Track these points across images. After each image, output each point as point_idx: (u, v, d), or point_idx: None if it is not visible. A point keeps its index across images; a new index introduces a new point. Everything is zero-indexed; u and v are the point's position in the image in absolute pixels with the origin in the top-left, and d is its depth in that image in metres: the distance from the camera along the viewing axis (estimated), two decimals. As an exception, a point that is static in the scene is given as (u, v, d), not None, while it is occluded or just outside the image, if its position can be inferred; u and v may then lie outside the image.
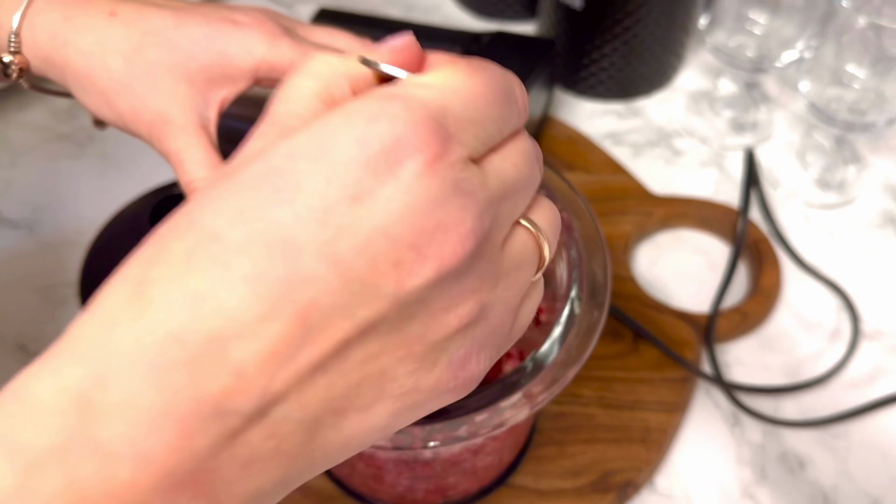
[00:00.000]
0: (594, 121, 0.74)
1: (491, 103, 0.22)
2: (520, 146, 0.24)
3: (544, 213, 0.25)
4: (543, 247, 0.24)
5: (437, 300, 0.21)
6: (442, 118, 0.21)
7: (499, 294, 0.23)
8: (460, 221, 0.20)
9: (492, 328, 0.23)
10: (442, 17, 0.84)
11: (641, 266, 0.63)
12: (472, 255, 0.21)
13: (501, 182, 0.22)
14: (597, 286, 0.40)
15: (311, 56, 0.24)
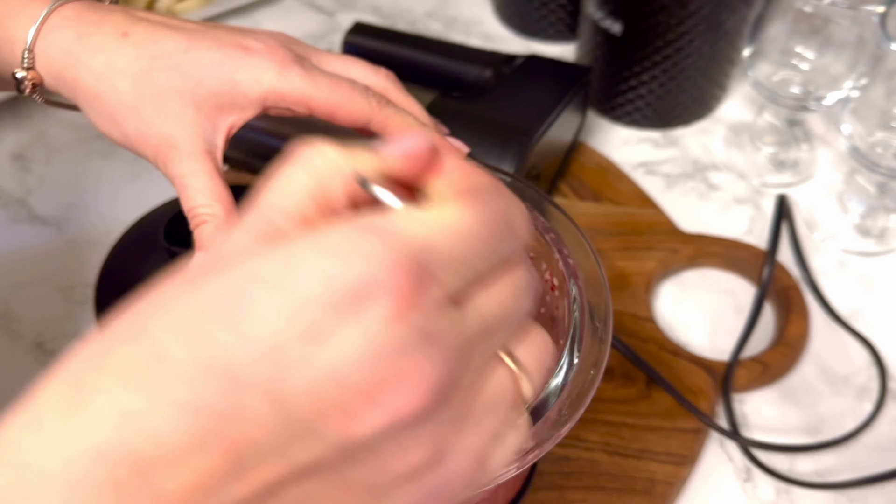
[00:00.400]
0: (628, 148, 0.72)
1: (485, 240, 0.21)
2: (511, 280, 0.22)
3: (531, 347, 0.23)
4: (523, 387, 0.23)
5: (386, 447, 0.20)
6: (423, 259, 0.19)
7: (462, 440, 0.21)
8: (422, 373, 0.19)
9: (448, 476, 0.21)
10: (482, 33, 0.83)
11: (663, 305, 0.61)
12: (433, 406, 0.20)
13: (481, 322, 0.21)
14: (598, 341, 0.38)
15: (312, 146, 0.22)
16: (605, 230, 0.63)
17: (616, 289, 0.59)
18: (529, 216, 0.23)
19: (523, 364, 0.23)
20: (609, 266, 0.61)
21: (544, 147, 0.58)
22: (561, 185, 0.67)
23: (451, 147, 0.43)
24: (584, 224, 0.63)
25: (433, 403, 0.20)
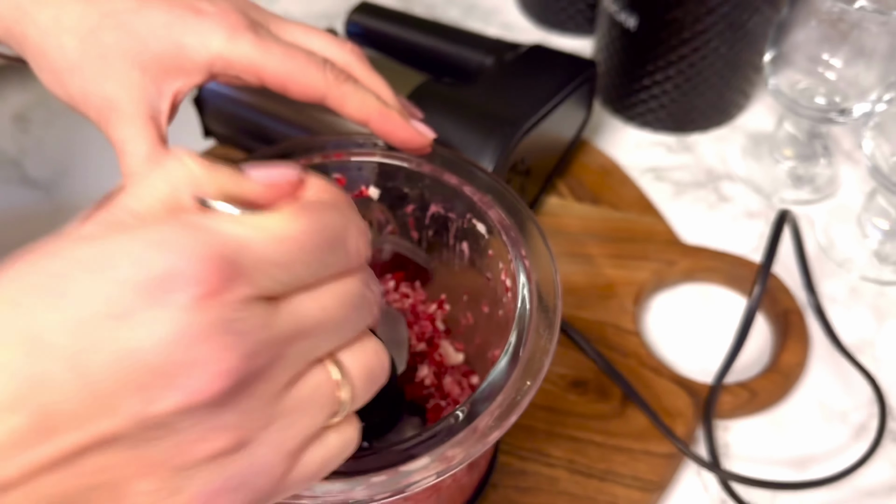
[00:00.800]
0: (639, 151, 0.68)
1: (306, 248, 0.22)
2: (339, 289, 0.23)
3: (360, 356, 0.24)
4: (342, 392, 0.24)
5: (187, 429, 0.21)
6: (235, 256, 0.21)
7: (270, 435, 0.22)
8: (219, 360, 0.20)
9: (255, 469, 0.22)
10: (501, 22, 0.80)
11: (652, 320, 0.57)
12: (229, 393, 0.21)
13: (297, 323, 0.22)
14: (541, 349, 0.35)
15: (175, 157, 0.23)
16: (599, 235, 0.60)
17: (602, 298, 0.56)
18: (368, 237, 0.25)
19: (347, 371, 0.24)
20: (597, 273, 0.57)
21: (535, 141, 0.55)
22: (559, 185, 0.63)
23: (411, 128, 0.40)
24: (578, 227, 0.60)
25: (230, 390, 0.21)
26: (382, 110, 0.40)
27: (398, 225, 0.46)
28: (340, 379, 0.24)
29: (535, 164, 0.57)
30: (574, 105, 0.60)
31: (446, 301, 0.46)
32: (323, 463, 0.24)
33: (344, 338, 0.24)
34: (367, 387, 0.25)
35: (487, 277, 0.42)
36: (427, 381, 0.44)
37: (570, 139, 0.62)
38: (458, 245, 0.43)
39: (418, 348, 0.46)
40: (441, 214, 0.43)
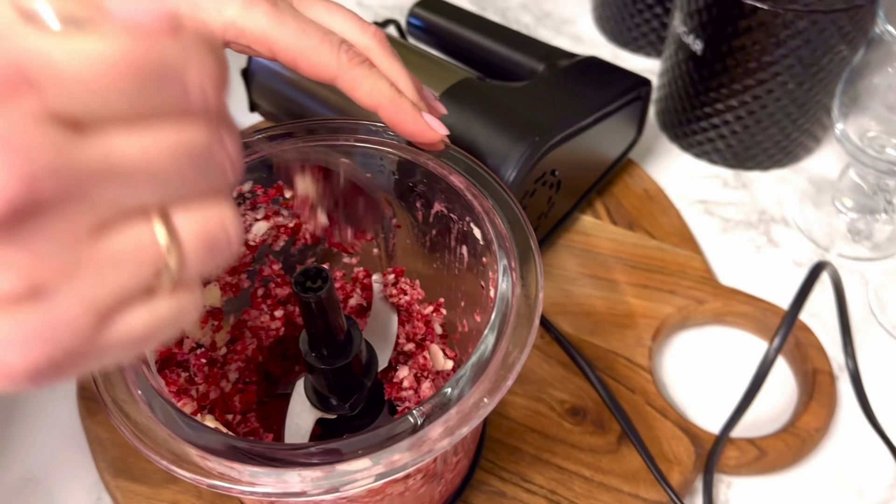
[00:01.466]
0: (691, 181, 0.65)
1: (123, 73, 0.19)
2: (172, 134, 0.20)
3: (200, 222, 0.21)
4: (167, 254, 0.21)
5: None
6: (29, 67, 0.18)
7: (74, 286, 0.20)
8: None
9: (54, 321, 0.20)
10: (572, 34, 0.78)
11: (669, 357, 0.54)
12: (14, 217, 0.18)
13: (105, 158, 0.19)
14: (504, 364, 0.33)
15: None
16: (629, 261, 0.57)
17: (619, 327, 0.53)
18: (221, 82, 0.21)
19: (177, 232, 0.21)
20: (619, 301, 0.55)
21: (570, 154, 0.53)
22: (596, 203, 0.61)
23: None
24: (608, 250, 0.58)
25: (8, 216, 0.18)
26: (394, 99, 0.39)
27: (403, 219, 0.44)
28: (167, 240, 0.21)
29: (569, 177, 0.55)
30: (621, 123, 0.57)
31: (444, 305, 0.45)
32: (146, 328, 0.22)
33: (175, 193, 0.21)
34: (201, 255, 0.22)
35: (481, 285, 0.40)
36: (405, 382, 0.42)
37: (615, 158, 0.60)
38: (458, 248, 0.42)
39: (406, 348, 0.44)
40: (444, 214, 0.41)
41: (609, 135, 0.57)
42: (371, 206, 0.38)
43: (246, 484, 0.31)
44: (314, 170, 0.36)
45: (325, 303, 0.36)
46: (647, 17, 0.72)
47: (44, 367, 0.20)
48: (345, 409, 0.41)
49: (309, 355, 0.39)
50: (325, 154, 0.37)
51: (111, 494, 0.47)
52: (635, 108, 0.58)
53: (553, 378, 0.51)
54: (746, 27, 0.56)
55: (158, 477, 0.46)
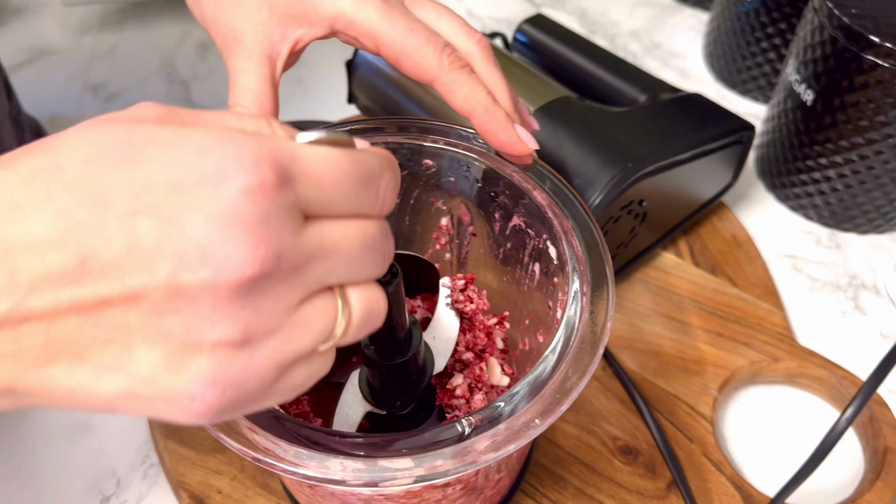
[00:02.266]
0: (782, 234, 0.63)
1: (346, 176, 0.24)
2: (363, 226, 0.25)
3: (365, 296, 0.26)
4: (338, 323, 0.25)
5: (206, 309, 0.22)
6: (288, 163, 0.23)
7: (273, 342, 0.23)
8: (255, 247, 0.22)
9: (251, 370, 0.23)
10: (680, 68, 0.76)
11: (734, 411, 0.52)
12: (252, 284, 0.22)
13: (321, 243, 0.24)
14: (560, 389, 0.32)
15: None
16: (706, 306, 0.55)
17: (686, 372, 0.52)
18: (397, 190, 0.26)
19: (350, 305, 0.25)
20: (690, 345, 0.53)
21: (660, 188, 0.51)
22: (679, 242, 0.59)
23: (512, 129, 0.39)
24: (686, 291, 0.56)
25: (255, 279, 0.22)
26: (489, 107, 0.38)
27: (480, 227, 0.44)
28: (342, 310, 0.25)
29: (657, 211, 0.53)
30: (718, 165, 0.55)
31: (508, 319, 0.44)
32: (303, 382, 0.25)
33: (355, 274, 0.25)
34: (362, 324, 0.26)
35: (549, 306, 0.40)
36: (458, 391, 0.42)
37: (707, 199, 0.58)
38: (530, 264, 0.41)
39: (464, 356, 0.44)
40: (521, 229, 0.41)
41: (704, 174, 0.55)
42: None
43: (289, 463, 0.31)
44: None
45: (392, 297, 0.36)
46: (760, 60, 0.70)
47: (227, 408, 0.23)
48: (395, 407, 0.41)
49: (367, 347, 0.39)
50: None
51: (159, 454, 0.48)
52: (735, 151, 0.56)
53: (609, 413, 0.49)
54: (863, 83, 0.54)
55: (206, 444, 0.47)
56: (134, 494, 0.48)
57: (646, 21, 0.82)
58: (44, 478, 0.49)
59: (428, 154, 0.42)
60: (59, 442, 0.50)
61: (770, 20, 0.68)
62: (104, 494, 0.48)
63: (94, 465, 0.49)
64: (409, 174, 0.43)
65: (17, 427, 0.51)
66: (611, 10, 0.83)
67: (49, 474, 0.49)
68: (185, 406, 0.23)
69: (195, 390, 0.22)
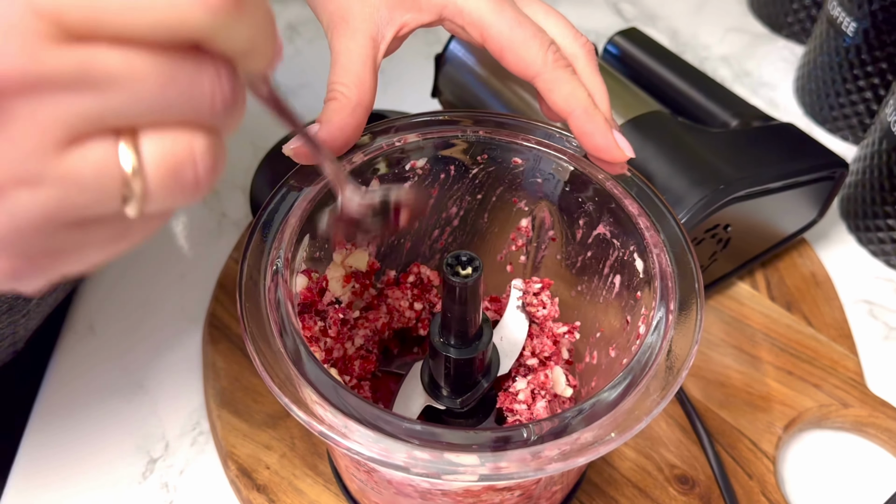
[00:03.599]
0: (862, 278, 0.60)
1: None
2: (162, 55, 0.19)
3: (166, 146, 0.20)
4: (133, 185, 0.20)
5: None
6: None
7: (39, 196, 0.19)
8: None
9: (15, 229, 0.19)
10: (768, 98, 0.75)
11: (796, 453, 0.50)
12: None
13: (84, 65, 0.18)
14: (640, 406, 0.31)
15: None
16: (779, 343, 0.53)
17: (752, 407, 0.50)
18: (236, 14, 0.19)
19: (144, 162, 0.20)
20: (758, 381, 0.51)
21: (746, 215, 0.50)
22: (757, 274, 0.57)
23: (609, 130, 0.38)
24: (759, 325, 0.54)
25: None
26: (589, 109, 0.38)
27: (561, 232, 0.43)
28: (134, 163, 0.20)
29: (740, 238, 0.52)
30: (805, 198, 0.54)
31: (578, 329, 0.43)
32: (102, 245, 0.21)
33: (151, 116, 0.19)
34: (165, 186, 0.20)
35: (627, 320, 0.39)
36: (521, 395, 0.41)
37: (790, 233, 0.56)
38: (611, 276, 0.40)
39: (529, 361, 0.43)
40: (605, 238, 0.40)
41: (791, 207, 0.53)
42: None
43: (354, 442, 0.30)
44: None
45: (470, 291, 0.35)
46: (855, 98, 0.68)
47: (6, 273, 0.20)
48: (455, 404, 0.40)
49: (436, 338, 0.38)
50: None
51: (211, 422, 0.48)
52: (824, 188, 0.54)
53: (668, 439, 0.48)
54: (972, 130, 0.51)
55: (260, 418, 0.47)
56: (180, 459, 0.48)
57: (737, 48, 0.80)
58: (94, 433, 0.49)
59: (518, 152, 0.41)
60: (112, 399, 0.50)
61: (871, 58, 0.65)
62: (151, 456, 0.48)
63: (144, 426, 0.49)
64: (496, 171, 0.42)
65: (74, 381, 0.51)
66: (702, 32, 0.82)
67: (99, 430, 0.49)
68: None
69: None
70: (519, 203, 0.44)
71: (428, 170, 0.42)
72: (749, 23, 0.83)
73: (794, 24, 0.80)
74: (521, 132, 0.41)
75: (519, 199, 0.44)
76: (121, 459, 0.48)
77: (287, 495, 0.44)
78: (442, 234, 0.45)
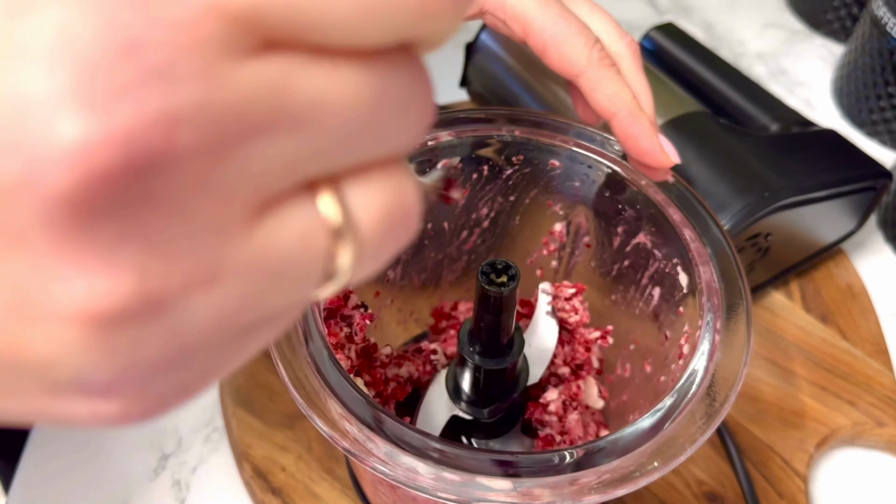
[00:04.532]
0: (898, 291, 0.58)
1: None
2: (386, 68, 0.13)
3: (380, 193, 0.14)
4: (341, 254, 0.14)
5: (39, 243, 0.11)
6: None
7: (217, 302, 0.12)
8: (114, 102, 0.10)
9: (177, 355, 0.13)
10: (804, 99, 0.72)
11: (828, 472, 0.49)
12: (123, 185, 0.11)
13: (282, 95, 0.12)
14: (684, 433, 0.30)
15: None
16: (813, 356, 0.51)
17: (784, 424, 0.48)
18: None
19: (355, 217, 0.13)
20: (791, 396, 0.49)
21: (788, 224, 0.48)
22: (792, 284, 0.55)
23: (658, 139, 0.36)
24: (793, 337, 0.53)
25: (138, 169, 0.11)
26: (634, 111, 0.36)
27: (597, 238, 0.41)
28: (341, 224, 0.13)
29: (778, 248, 0.50)
30: (846, 208, 0.52)
31: (611, 334, 0.41)
32: (270, 340, 0.15)
33: (368, 151, 0.13)
34: (380, 248, 0.14)
35: (665, 336, 0.37)
36: (552, 406, 0.39)
37: (828, 243, 0.54)
38: (649, 288, 0.38)
39: (560, 370, 0.41)
40: (646, 248, 0.38)
41: (831, 217, 0.51)
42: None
43: (379, 461, 0.29)
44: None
45: (506, 300, 0.33)
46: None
47: (147, 411, 0.13)
48: (482, 414, 0.38)
49: (466, 348, 0.36)
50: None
51: (226, 420, 0.47)
52: (865, 198, 0.52)
53: (697, 454, 0.46)
54: None
55: (276, 418, 0.46)
56: (194, 457, 0.46)
57: (774, 44, 0.77)
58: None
59: (555, 154, 0.39)
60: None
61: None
62: (164, 452, 0.47)
63: (157, 421, 0.48)
64: (531, 173, 0.41)
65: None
66: (738, 27, 0.79)
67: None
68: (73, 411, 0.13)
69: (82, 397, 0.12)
70: (554, 206, 0.42)
71: (460, 169, 0.40)
72: (786, 18, 0.80)
73: (833, 22, 0.78)
74: (559, 133, 0.39)
75: (554, 202, 0.42)
76: (132, 454, 0.46)
77: (303, 499, 0.43)
78: (471, 236, 0.44)
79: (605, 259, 0.41)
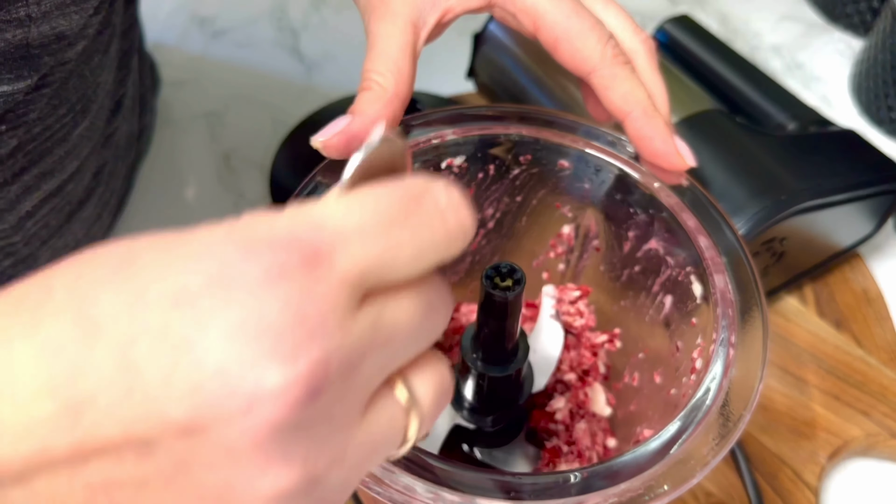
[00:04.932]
0: (915, 297, 0.57)
1: (391, 209, 0.18)
2: (425, 290, 0.19)
3: (430, 377, 0.20)
4: (411, 426, 0.20)
5: (245, 453, 0.16)
6: (312, 231, 0.17)
7: (341, 470, 0.18)
8: (292, 360, 0.16)
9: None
10: (821, 94, 0.70)
11: (840, 484, 0.47)
12: (301, 406, 0.16)
13: (376, 327, 0.18)
14: (696, 454, 0.28)
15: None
16: (826, 364, 0.50)
17: (795, 434, 0.47)
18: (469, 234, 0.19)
19: (418, 397, 0.20)
20: (803, 405, 0.48)
21: (804, 228, 0.46)
22: (805, 289, 0.54)
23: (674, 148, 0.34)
24: (806, 344, 0.51)
25: (303, 400, 0.16)
26: (648, 111, 0.34)
27: (606, 242, 0.40)
28: (411, 408, 0.20)
29: (793, 252, 0.48)
30: (864, 211, 0.50)
31: (619, 337, 0.40)
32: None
33: (414, 350, 0.19)
34: (434, 414, 0.20)
35: (677, 346, 0.35)
36: (559, 415, 0.38)
37: (843, 247, 0.53)
38: (660, 296, 0.37)
39: (566, 377, 0.40)
40: (657, 254, 0.36)
41: (848, 220, 0.50)
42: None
43: (372, 479, 0.27)
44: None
45: (511, 305, 0.32)
46: (919, 101, 0.63)
47: None
48: (485, 423, 0.37)
49: (469, 354, 0.35)
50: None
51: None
52: (883, 201, 0.50)
53: (705, 463, 0.45)
54: None
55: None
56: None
57: (791, 37, 0.75)
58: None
59: (565, 154, 0.38)
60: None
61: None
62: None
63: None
64: (539, 173, 0.39)
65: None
66: (754, 18, 0.77)
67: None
68: None
69: None
70: (562, 208, 0.40)
71: (465, 168, 0.38)
72: (803, 11, 0.78)
73: (852, 16, 0.76)
74: (569, 133, 0.38)
75: (562, 203, 0.40)
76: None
77: None
78: (475, 237, 0.42)
79: (615, 264, 0.40)
